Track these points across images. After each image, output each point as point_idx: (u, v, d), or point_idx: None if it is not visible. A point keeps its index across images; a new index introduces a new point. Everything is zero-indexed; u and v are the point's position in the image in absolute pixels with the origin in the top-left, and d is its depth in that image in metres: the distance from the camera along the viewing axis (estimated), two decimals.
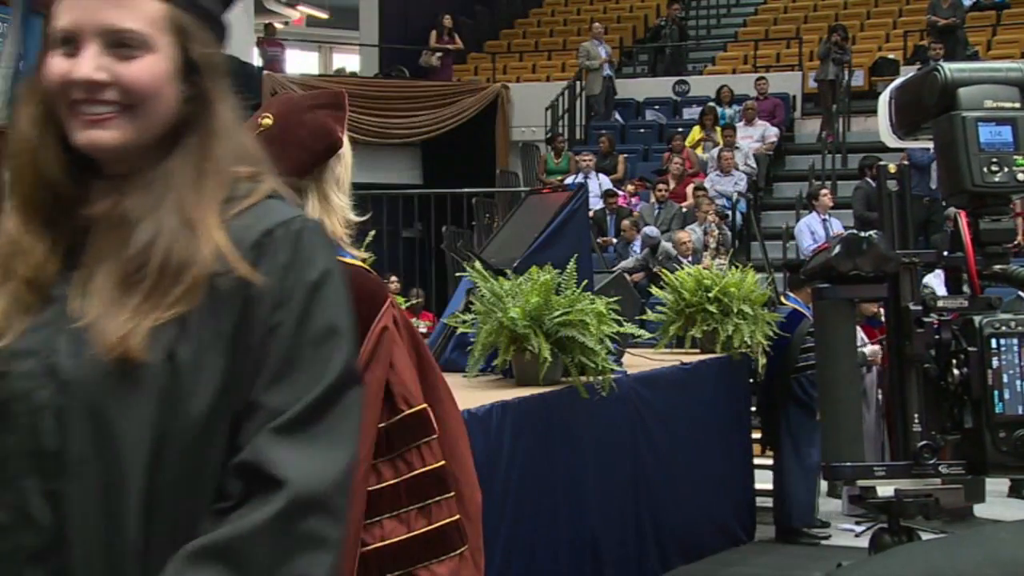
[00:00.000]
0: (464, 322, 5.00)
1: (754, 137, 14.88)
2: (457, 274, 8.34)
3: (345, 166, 2.23)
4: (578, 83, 16.99)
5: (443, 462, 2.13)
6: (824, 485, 7.10)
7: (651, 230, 11.98)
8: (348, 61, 23.02)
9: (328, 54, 26.35)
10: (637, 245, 12.00)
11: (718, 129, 14.87)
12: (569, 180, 13.03)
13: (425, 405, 2.13)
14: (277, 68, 17.62)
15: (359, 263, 2.19)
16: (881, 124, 1.85)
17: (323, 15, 26.12)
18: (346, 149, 2.23)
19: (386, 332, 2.09)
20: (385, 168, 15.41)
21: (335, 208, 2.18)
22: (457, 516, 2.14)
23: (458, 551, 2.13)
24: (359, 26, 20.44)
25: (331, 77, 18.41)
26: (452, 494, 2.13)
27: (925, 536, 2.14)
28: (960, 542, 0.83)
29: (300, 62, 23.91)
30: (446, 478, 2.14)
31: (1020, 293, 6.43)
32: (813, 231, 11.61)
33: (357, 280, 2.14)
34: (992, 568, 0.78)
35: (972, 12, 16.78)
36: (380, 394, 2.08)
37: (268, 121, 2.17)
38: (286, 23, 24.84)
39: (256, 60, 17.94)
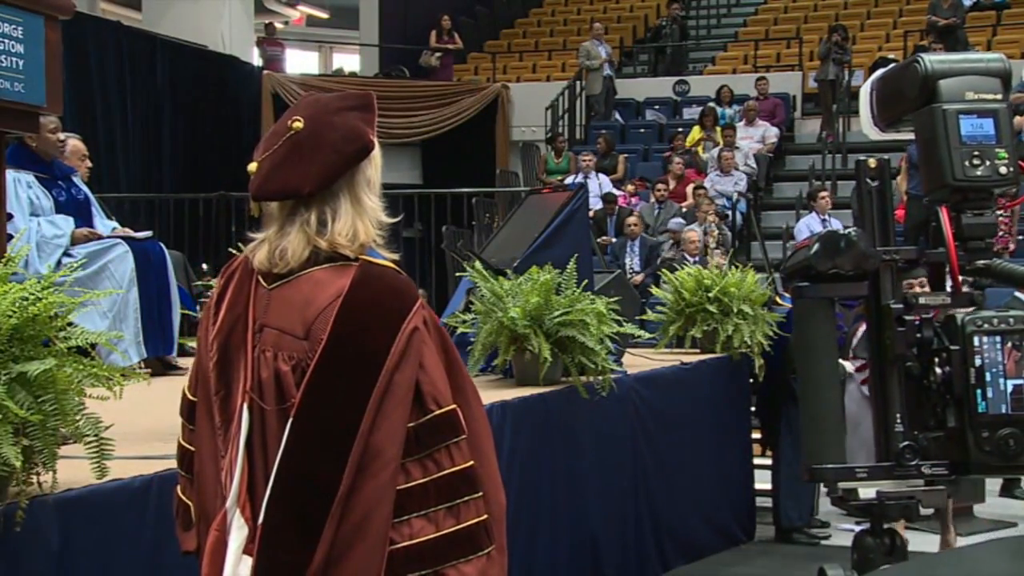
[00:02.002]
0: (464, 322, 5.01)
1: (754, 137, 14.88)
2: (457, 274, 8.34)
3: (375, 167, 2.25)
4: (578, 83, 16.99)
5: (472, 462, 2.15)
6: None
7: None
8: (348, 61, 23.02)
9: (328, 54, 26.34)
10: (637, 245, 12.00)
11: (718, 129, 14.86)
12: (569, 180, 13.03)
13: (455, 406, 2.14)
14: (277, 68, 17.60)
15: (390, 264, 2.20)
16: (863, 116, 1.83)
17: (323, 15, 26.11)
18: (376, 150, 2.25)
19: (416, 332, 2.11)
20: (385, 168, 15.27)
21: (367, 210, 2.20)
22: (485, 516, 2.15)
23: (486, 551, 2.14)
24: (359, 26, 20.44)
25: (331, 77, 18.39)
26: (480, 494, 2.15)
27: (908, 535, 2.14)
28: (939, 563, 0.83)
29: (300, 62, 23.89)
30: (475, 478, 2.15)
31: (1016, 292, 6.41)
32: (813, 232, 11.60)
33: (388, 281, 2.15)
34: None
35: (972, 12, 16.78)
36: (410, 394, 2.09)
37: (299, 124, 2.17)
38: (286, 23, 24.84)
39: (256, 60, 17.94)
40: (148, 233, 6.01)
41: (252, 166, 2.20)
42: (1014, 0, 17.31)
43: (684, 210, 13.01)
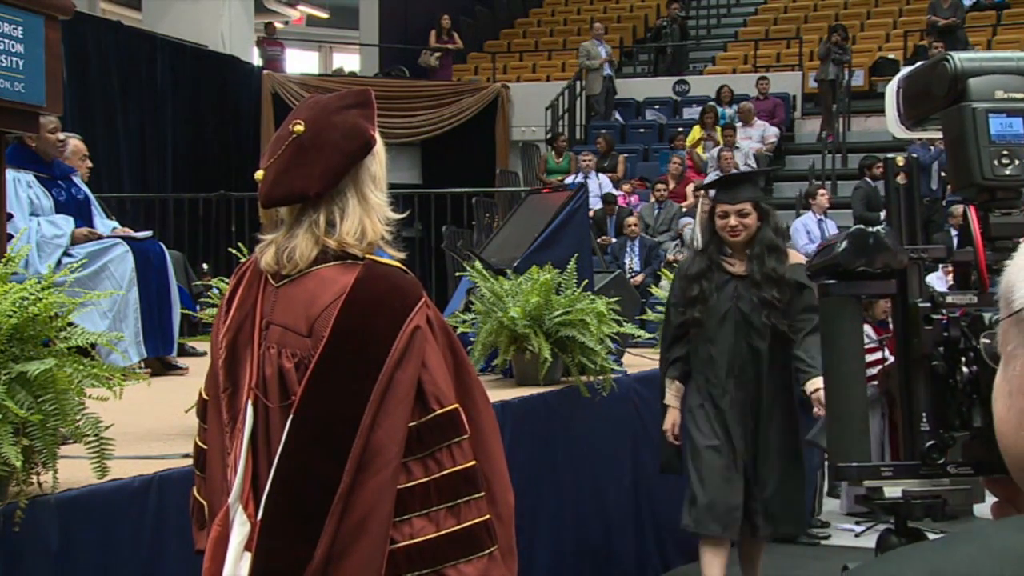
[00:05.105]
0: (464, 322, 5.00)
1: (754, 137, 14.88)
2: (457, 274, 8.34)
3: (380, 163, 2.26)
4: (578, 83, 16.99)
5: (473, 462, 2.15)
6: (824, 484, 7.10)
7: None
8: (348, 61, 23.02)
9: (328, 54, 26.34)
10: (637, 245, 12.00)
11: (718, 129, 14.86)
12: (569, 180, 13.03)
13: (457, 405, 2.14)
14: (277, 68, 17.60)
15: (395, 263, 2.21)
16: (888, 114, 1.81)
17: (323, 15, 26.11)
18: (379, 146, 2.26)
19: (418, 331, 2.11)
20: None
21: (374, 206, 2.20)
22: (487, 516, 2.15)
23: (487, 551, 2.13)
24: (359, 26, 20.44)
25: (331, 77, 18.39)
26: (482, 494, 2.15)
27: (932, 537, 2.14)
28: (954, 540, 0.85)
29: (300, 62, 23.90)
30: (476, 478, 2.15)
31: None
32: (809, 231, 11.62)
33: (392, 280, 2.16)
34: (987, 559, 0.81)
35: (972, 12, 16.79)
36: (412, 393, 2.09)
37: (300, 128, 2.18)
38: (286, 23, 24.83)
39: (256, 60, 17.93)
40: (148, 233, 6.01)
41: (259, 174, 2.22)
42: (1014, 0, 17.32)
43: (684, 210, 13.00)
